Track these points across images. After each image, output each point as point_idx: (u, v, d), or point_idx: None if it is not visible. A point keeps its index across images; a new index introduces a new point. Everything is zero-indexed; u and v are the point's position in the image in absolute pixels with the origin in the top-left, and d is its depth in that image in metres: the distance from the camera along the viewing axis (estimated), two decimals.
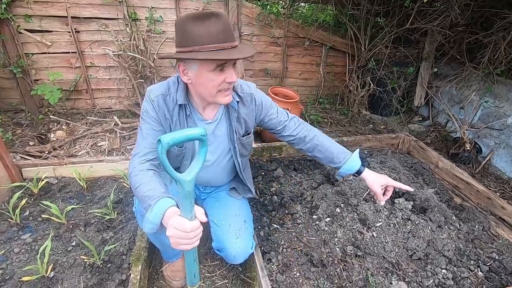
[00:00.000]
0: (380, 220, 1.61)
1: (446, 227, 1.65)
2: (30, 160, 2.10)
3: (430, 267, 1.45)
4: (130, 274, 1.30)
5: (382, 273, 1.41)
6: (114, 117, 2.91)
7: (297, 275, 1.39)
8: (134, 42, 2.79)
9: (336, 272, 1.40)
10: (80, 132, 2.68)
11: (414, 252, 1.49)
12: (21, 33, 2.71)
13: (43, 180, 1.82)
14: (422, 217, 1.66)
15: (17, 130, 2.70)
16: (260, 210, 1.80)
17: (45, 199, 1.73)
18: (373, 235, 1.54)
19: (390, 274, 1.41)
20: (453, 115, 2.94)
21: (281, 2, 3.43)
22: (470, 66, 2.82)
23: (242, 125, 1.31)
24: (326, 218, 1.66)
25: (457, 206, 1.95)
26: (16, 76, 2.78)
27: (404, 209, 1.68)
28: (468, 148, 2.62)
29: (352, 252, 1.47)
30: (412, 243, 1.52)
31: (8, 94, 2.92)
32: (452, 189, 2.16)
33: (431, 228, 1.60)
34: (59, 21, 2.75)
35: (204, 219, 0.89)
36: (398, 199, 1.75)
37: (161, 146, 0.75)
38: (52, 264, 1.35)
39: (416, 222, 1.61)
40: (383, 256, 1.47)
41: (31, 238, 1.50)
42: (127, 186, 1.91)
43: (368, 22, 3.27)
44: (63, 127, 2.75)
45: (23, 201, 1.67)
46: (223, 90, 1.10)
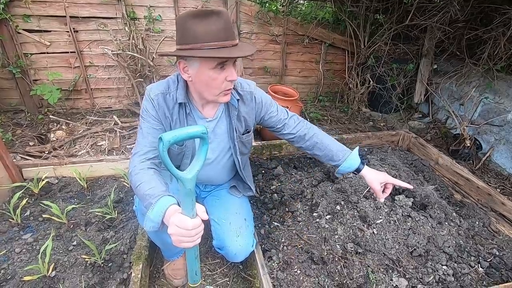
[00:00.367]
0: (381, 217, 1.61)
1: (447, 224, 1.66)
2: (30, 160, 2.11)
3: (431, 264, 1.45)
4: (131, 273, 1.31)
5: (383, 270, 1.41)
6: (114, 117, 2.91)
7: (298, 273, 1.40)
8: (133, 41, 2.79)
9: (337, 269, 1.40)
10: (80, 132, 2.68)
11: (415, 249, 1.49)
12: (20, 33, 2.70)
13: (44, 180, 1.83)
14: (423, 214, 1.67)
15: (17, 131, 2.70)
16: (261, 208, 1.81)
17: (46, 199, 1.73)
18: (374, 232, 1.54)
19: (391, 271, 1.42)
20: (453, 112, 2.93)
21: (280, 0, 3.42)
22: (470, 62, 2.81)
23: (242, 123, 1.31)
24: (327, 216, 1.66)
25: (458, 203, 1.95)
26: (15, 76, 2.77)
27: (404, 206, 1.68)
28: (468, 145, 2.62)
29: (353, 249, 1.47)
30: (413, 240, 1.52)
31: (8, 95, 2.91)
32: (452, 186, 2.16)
33: (432, 225, 1.60)
34: (58, 21, 2.75)
35: (206, 217, 0.90)
36: (398, 196, 1.75)
37: (163, 144, 0.75)
38: (53, 264, 1.36)
39: (417, 219, 1.61)
40: (384, 253, 1.47)
41: (32, 238, 1.51)
42: (128, 185, 1.92)
43: (368, 19, 3.26)
44: (63, 127, 2.75)
45: (24, 201, 1.67)
46: (225, 91, 1.10)
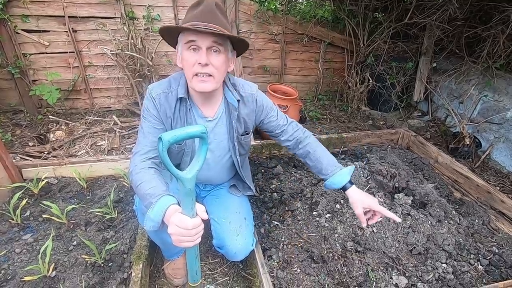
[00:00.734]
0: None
1: (446, 222, 1.66)
2: (30, 161, 2.10)
3: (430, 262, 1.46)
4: (132, 273, 1.31)
5: (383, 268, 1.42)
6: (113, 117, 2.91)
7: (298, 271, 1.40)
8: (132, 41, 2.78)
9: (337, 268, 1.40)
10: (80, 132, 2.68)
11: (414, 247, 1.50)
12: (18, 34, 2.69)
13: (43, 181, 1.82)
14: (422, 212, 1.67)
15: (17, 131, 2.70)
16: (260, 207, 1.81)
17: (46, 199, 1.73)
18: (373, 231, 1.55)
19: (390, 269, 1.42)
20: (453, 110, 2.93)
21: None
22: (469, 61, 2.81)
23: (242, 125, 1.31)
24: (326, 214, 1.66)
25: (457, 201, 1.96)
26: (14, 77, 2.77)
27: (404, 204, 1.68)
28: (468, 143, 2.62)
29: (352, 248, 1.48)
30: (412, 238, 1.52)
31: (7, 95, 2.91)
32: (452, 184, 2.16)
33: (431, 223, 1.61)
34: (56, 21, 2.74)
35: (205, 216, 0.90)
36: (398, 195, 1.75)
37: (162, 144, 0.75)
38: (54, 264, 1.36)
39: (416, 217, 1.61)
40: (383, 251, 1.47)
41: (32, 238, 1.51)
42: (127, 185, 1.92)
43: (367, 18, 3.26)
44: (62, 127, 2.75)
45: (24, 202, 1.67)
46: (199, 75, 1.07)
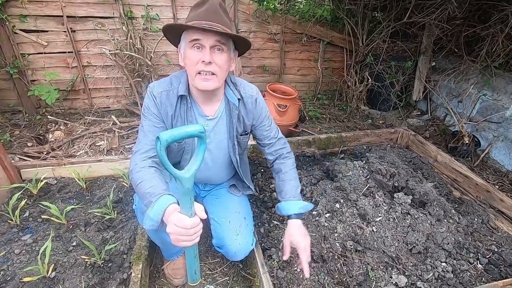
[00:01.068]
0: (380, 215, 1.61)
1: (446, 221, 1.66)
2: (29, 161, 2.10)
3: (430, 261, 1.46)
4: (131, 273, 1.30)
5: (382, 268, 1.42)
6: (112, 117, 2.90)
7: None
8: (131, 41, 2.78)
9: (337, 267, 1.40)
10: (79, 132, 2.67)
11: (414, 246, 1.50)
12: (17, 34, 2.68)
13: (42, 181, 1.82)
14: (421, 211, 1.67)
15: (15, 131, 2.69)
16: (260, 207, 1.81)
17: (45, 200, 1.73)
18: (373, 230, 1.55)
19: (390, 268, 1.42)
20: (452, 109, 2.93)
21: None
22: (468, 60, 2.81)
23: (241, 124, 1.32)
24: (326, 214, 1.66)
25: (456, 200, 1.96)
26: (13, 77, 2.76)
27: (404, 204, 1.69)
28: (467, 142, 2.62)
29: (352, 247, 1.48)
30: (412, 237, 1.52)
31: (5, 95, 2.90)
32: (451, 183, 2.17)
33: (431, 222, 1.61)
34: (55, 21, 2.73)
35: (204, 216, 0.90)
36: (398, 194, 1.76)
37: (160, 144, 0.75)
38: (53, 265, 1.35)
39: (416, 216, 1.61)
40: (383, 251, 1.48)
41: (32, 239, 1.50)
42: (127, 185, 1.91)
43: (366, 17, 3.25)
44: (61, 128, 2.74)
45: (23, 202, 1.66)
46: (202, 73, 1.08)
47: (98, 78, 3.05)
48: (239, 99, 1.26)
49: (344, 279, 1.37)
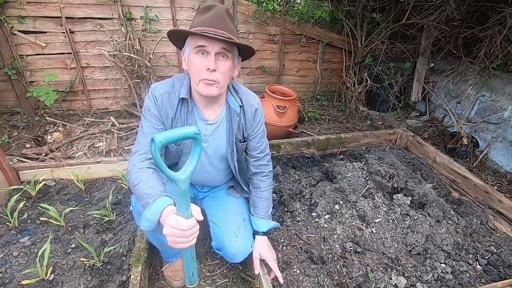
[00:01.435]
0: (379, 216, 1.62)
1: (445, 222, 1.66)
2: (27, 163, 2.09)
3: (429, 262, 1.46)
4: (130, 275, 1.30)
5: (382, 269, 1.42)
6: (111, 118, 2.89)
7: (297, 273, 1.40)
8: (130, 42, 2.77)
9: (336, 269, 1.40)
10: (77, 134, 2.67)
11: (413, 247, 1.50)
12: (15, 35, 2.68)
13: (41, 183, 1.81)
14: (421, 212, 1.67)
15: (13, 133, 2.68)
16: None
17: (43, 202, 1.72)
18: (372, 231, 1.55)
19: (390, 270, 1.42)
20: (450, 110, 2.94)
21: None
22: (467, 61, 2.82)
23: (241, 131, 1.32)
24: (325, 215, 1.66)
25: (455, 201, 1.96)
26: (11, 78, 2.75)
27: (403, 205, 1.69)
28: (465, 143, 2.63)
29: (352, 249, 1.48)
30: (411, 238, 1.53)
31: (3, 96, 2.89)
32: (450, 184, 2.17)
33: (430, 223, 1.61)
34: (53, 22, 2.73)
35: (201, 218, 0.90)
36: (397, 195, 1.76)
37: (155, 145, 0.76)
38: (52, 267, 1.35)
39: (415, 218, 1.62)
40: (383, 252, 1.48)
41: (30, 241, 1.49)
42: (126, 187, 1.91)
43: (364, 18, 3.26)
44: (60, 129, 2.73)
45: (21, 204, 1.66)
46: (206, 80, 1.08)
47: (97, 79, 3.04)
48: (241, 106, 1.27)
49: (344, 281, 1.37)
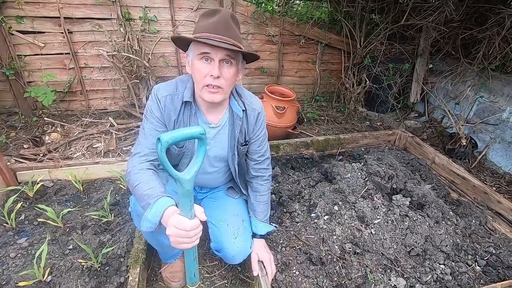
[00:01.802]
0: (378, 217, 1.61)
1: (444, 223, 1.66)
2: (25, 163, 2.08)
3: (428, 263, 1.46)
4: (129, 277, 1.29)
5: (381, 270, 1.42)
6: (110, 118, 2.88)
7: (296, 274, 1.39)
8: (128, 42, 2.76)
9: (335, 270, 1.40)
10: (75, 134, 2.66)
11: (412, 248, 1.50)
12: (13, 35, 2.66)
13: (38, 183, 1.80)
14: (420, 213, 1.67)
15: (11, 133, 2.67)
16: None
17: (41, 203, 1.70)
18: (372, 232, 1.55)
19: (389, 271, 1.42)
20: (449, 111, 2.95)
21: (276, 0, 3.42)
22: (465, 62, 2.83)
23: (243, 135, 1.32)
24: (325, 216, 1.66)
25: (454, 201, 1.97)
26: (9, 78, 2.73)
27: (402, 206, 1.69)
28: (464, 144, 2.64)
29: (351, 250, 1.48)
30: (410, 239, 1.52)
31: (1, 97, 2.88)
32: (449, 185, 2.17)
33: (429, 224, 1.61)
34: (52, 22, 2.72)
35: (204, 218, 0.89)
36: (396, 196, 1.76)
37: (161, 145, 0.75)
38: (49, 268, 1.34)
39: (414, 218, 1.61)
40: (382, 253, 1.47)
41: (27, 242, 1.48)
42: (124, 188, 1.90)
43: (363, 19, 3.27)
44: (58, 129, 2.72)
45: (18, 205, 1.65)
46: (210, 86, 1.08)
47: (96, 80, 3.03)
48: (244, 110, 1.26)
49: (343, 282, 1.37)
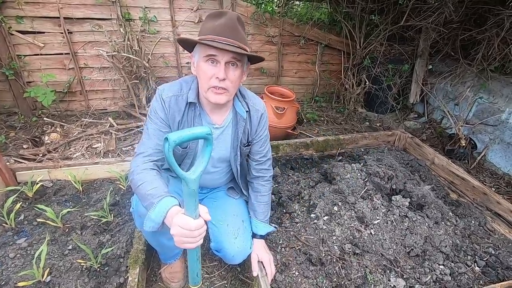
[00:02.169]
0: (378, 218, 1.61)
1: (443, 223, 1.67)
2: (24, 164, 2.07)
3: (428, 264, 1.46)
4: (128, 277, 1.29)
5: (381, 270, 1.42)
6: (109, 119, 2.88)
7: (296, 274, 1.39)
8: (128, 43, 2.76)
9: (335, 270, 1.40)
10: (75, 134, 2.65)
11: (412, 249, 1.50)
12: (13, 35, 2.66)
13: (38, 184, 1.80)
14: (419, 214, 1.67)
15: (11, 133, 2.67)
16: None
17: (40, 203, 1.70)
18: (371, 233, 1.55)
19: (388, 271, 1.42)
20: (448, 112, 2.96)
21: (276, 1, 3.42)
22: (465, 63, 2.84)
23: (246, 136, 1.32)
24: (324, 217, 1.66)
25: (454, 202, 1.97)
26: (9, 78, 2.73)
27: (401, 206, 1.69)
28: (464, 144, 2.64)
29: (351, 250, 1.48)
30: (410, 240, 1.52)
31: (1, 97, 2.87)
32: (448, 185, 2.18)
33: (428, 225, 1.61)
34: (51, 22, 2.72)
35: (208, 218, 0.90)
36: (395, 196, 1.76)
37: (168, 145, 0.75)
38: (49, 269, 1.34)
39: (413, 219, 1.62)
40: (381, 254, 1.47)
41: (27, 243, 1.48)
42: (124, 188, 1.90)
43: (363, 20, 3.27)
44: (58, 129, 2.71)
45: (18, 205, 1.64)
46: (215, 88, 1.08)
47: (95, 80, 3.03)
48: (247, 111, 1.27)
49: (343, 282, 1.37)
